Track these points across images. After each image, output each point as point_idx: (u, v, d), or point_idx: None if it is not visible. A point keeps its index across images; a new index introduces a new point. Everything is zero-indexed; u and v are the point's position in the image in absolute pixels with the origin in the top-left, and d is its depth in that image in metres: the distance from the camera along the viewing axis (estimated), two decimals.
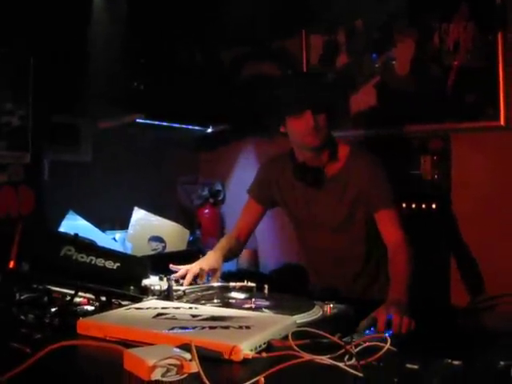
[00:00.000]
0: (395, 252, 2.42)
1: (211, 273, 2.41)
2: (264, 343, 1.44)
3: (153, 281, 2.18)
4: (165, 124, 3.85)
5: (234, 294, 2.11)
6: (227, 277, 2.48)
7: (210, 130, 4.17)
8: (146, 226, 3.61)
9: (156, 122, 3.77)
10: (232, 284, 2.21)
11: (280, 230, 3.97)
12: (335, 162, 2.59)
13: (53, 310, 1.81)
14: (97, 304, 1.89)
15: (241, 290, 2.17)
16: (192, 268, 2.35)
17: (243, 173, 4.01)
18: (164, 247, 3.62)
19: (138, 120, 3.61)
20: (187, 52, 4.00)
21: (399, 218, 2.50)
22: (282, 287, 2.21)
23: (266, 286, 2.11)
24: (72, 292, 1.86)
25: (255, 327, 1.51)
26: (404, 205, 3.48)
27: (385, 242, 2.50)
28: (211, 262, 2.45)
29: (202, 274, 2.34)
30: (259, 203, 2.82)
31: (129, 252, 3.34)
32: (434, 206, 3.45)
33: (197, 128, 4.12)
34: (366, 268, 2.68)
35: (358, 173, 2.55)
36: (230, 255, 2.69)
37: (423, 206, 3.47)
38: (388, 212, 2.50)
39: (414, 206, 3.48)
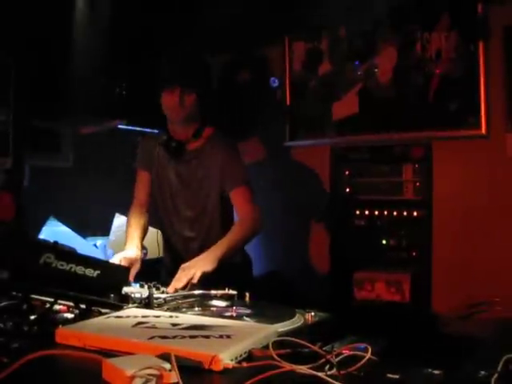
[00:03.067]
0: (238, 223, 2.72)
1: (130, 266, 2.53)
2: (245, 353, 1.43)
3: (133, 288, 2.17)
4: (146, 130, 3.83)
5: (215, 302, 2.10)
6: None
7: None
8: None
9: (137, 128, 3.75)
10: (213, 292, 2.20)
11: (265, 238, 3.96)
12: (199, 138, 2.80)
13: (32, 317, 1.79)
14: (76, 311, 1.87)
15: (222, 297, 2.15)
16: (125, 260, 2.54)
17: None
18: (145, 254, 3.60)
19: (119, 126, 3.59)
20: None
21: (251, 195, 2.77)
22: (265, 294, 2.20)
23: (248, 294, 2.10)
24: (51, 300, 1.84)
25: (236, 336, 1.50)
26: (386, 212, 3.49)
27: (237, 216, 2.80)
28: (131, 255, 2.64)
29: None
30: (149, 172, 2.92)
31: (110, 259, 3.32)
32: (415, 213, 3.47)
33: None
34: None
35: (215, 151, 2.78)
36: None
37: (405, 213, 3.49)
38: (241, 190, 2.75)
39: (395, 213, 3.50)
